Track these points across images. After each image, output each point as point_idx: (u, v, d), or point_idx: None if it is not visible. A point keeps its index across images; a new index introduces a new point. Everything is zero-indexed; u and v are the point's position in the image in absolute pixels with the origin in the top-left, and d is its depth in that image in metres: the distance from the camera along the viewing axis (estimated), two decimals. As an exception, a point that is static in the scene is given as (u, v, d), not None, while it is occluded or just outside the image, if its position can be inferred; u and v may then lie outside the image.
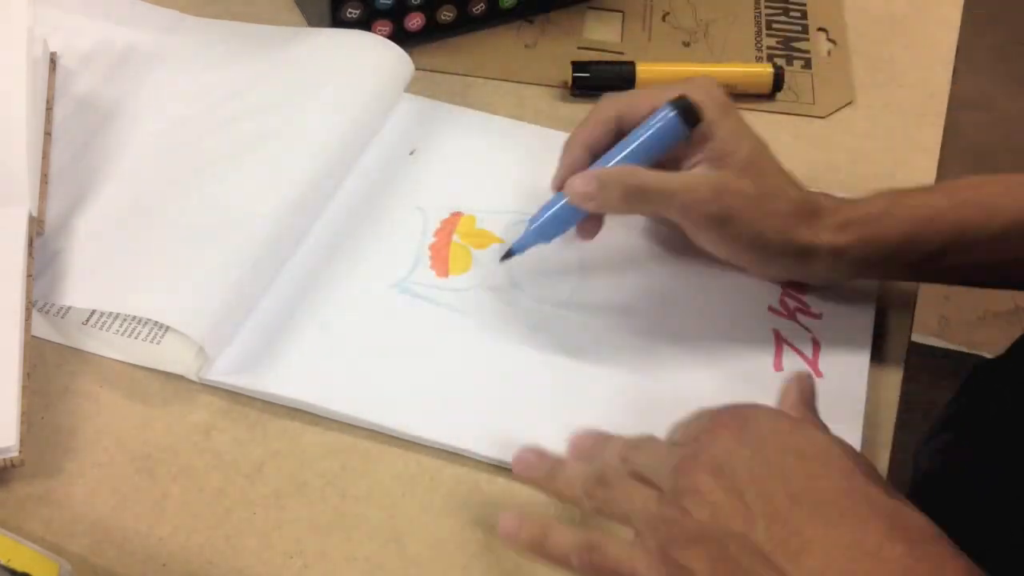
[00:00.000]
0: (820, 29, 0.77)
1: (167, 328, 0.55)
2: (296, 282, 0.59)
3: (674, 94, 0.55)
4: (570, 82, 0.72)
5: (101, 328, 0.56)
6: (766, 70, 0.72)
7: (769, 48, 0.76)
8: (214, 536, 0.49)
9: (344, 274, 0.60)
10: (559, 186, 0.57)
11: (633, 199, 0.55)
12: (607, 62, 0.73)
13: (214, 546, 0.49)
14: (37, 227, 0.58)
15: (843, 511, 0.40)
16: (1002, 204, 0.54)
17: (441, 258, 0.61)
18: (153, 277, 0.57)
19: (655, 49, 0.76)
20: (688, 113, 0.54)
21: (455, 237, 0.63)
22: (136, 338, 0.56)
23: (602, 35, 0.77)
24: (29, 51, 0.62)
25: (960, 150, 0.91)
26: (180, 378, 0.55)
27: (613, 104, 0.57)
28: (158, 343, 0.55)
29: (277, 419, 0.54)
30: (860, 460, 0.43)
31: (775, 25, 0.78)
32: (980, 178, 0.57)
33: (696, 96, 0.55)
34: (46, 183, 0.61)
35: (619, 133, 0.56)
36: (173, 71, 0.70)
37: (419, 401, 0.54)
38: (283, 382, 0.54)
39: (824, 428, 0.46)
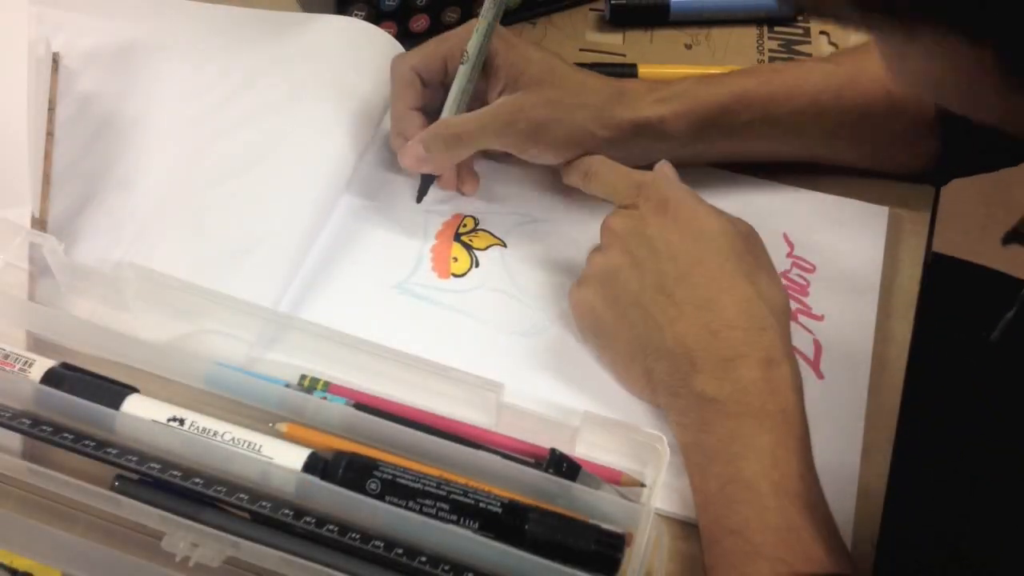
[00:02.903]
0: (822, 32, 0.77)
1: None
2: (302, 284, 0.60)
3: (455, 39, 0.60)
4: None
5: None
6: None
7: (771, 51, 0.76)
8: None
9: (345, 275, 0.60)
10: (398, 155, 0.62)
11: (456, 146, 0.60)
12: (609, 64, 0.73)
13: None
14: (39, 227, 0.58)
15: (710, 295, 0.51)
16: (802, 84, 0.61)
17: (442, 259, 0.62)
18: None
19: (657, 51, 0.76)
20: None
21: (456, 238, 0.63)
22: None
23: (604, 37, 0.77)
24: (31, 52, 0.62)
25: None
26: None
27: (406, 63, 0.62)
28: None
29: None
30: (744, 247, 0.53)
31: (777, 28, 0.78)
32: (783, 63, 0.67)
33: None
34: (48, 183, 0.61)
35: (423, 82, 0.62)
36: (176, 65, 0.70)
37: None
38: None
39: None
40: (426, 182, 0.63)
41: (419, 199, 0.64)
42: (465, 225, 0.64)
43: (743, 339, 0.50)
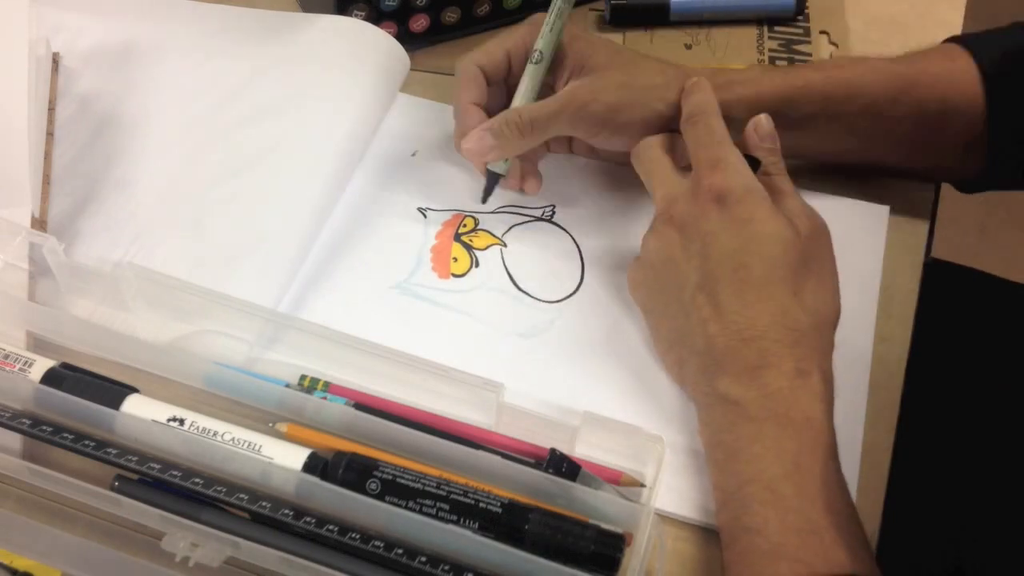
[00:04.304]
0: (822, 32, 0.77)
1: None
2: (302, 284, 0.60)
3: (518, 36, 0.61)
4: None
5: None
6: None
7: (771, 51, 0.76)
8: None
9: (346, 275, 0.60)
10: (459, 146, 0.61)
11: (529, 133, 0.59)
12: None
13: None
14: (39, 227, 0.58)
15: (749, 302, 0.51)
16: (863, 84, 0.61)
17: (442, 259, 0.62)
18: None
19: (657, 51, 0.76)
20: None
21: (456, 238, 0.63)
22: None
23: (605, 37, 0.76)
24: (31, 52, 0.62)
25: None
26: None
27: (471, 60, 0.62)
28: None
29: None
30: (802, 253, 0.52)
31: (777, 28, 0.78)
32: (848, 58, 0.67)
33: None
34: (48, 183, 0.61)
35: (489, 81, 0.62)
36: (176, 65, 0.70)
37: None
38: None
39: (790, 200, 0.55)
40: (492, 181, 0.63)
41: (484, 199, 0.63)
42: (465, 225, 0.64)
43: (773, 350, 0.50)
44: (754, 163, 0.56)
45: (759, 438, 0.48)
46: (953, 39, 0.64)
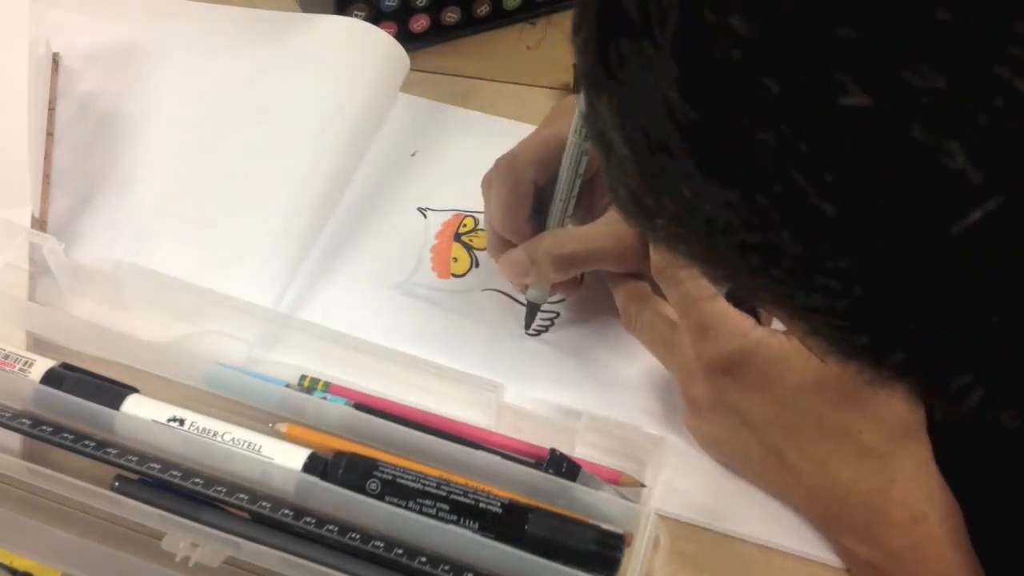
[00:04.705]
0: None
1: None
2: (302, 284, 0.60)
3: (556, 130, 0.52)
4: (572, 84, 0.72)
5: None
6: None
7: (771, 51, 0.76)
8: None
9: (346, 275, 0.60)
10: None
11: (566, 267, 0.53)
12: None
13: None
14: (39, 227, 0.58)
15: (819, 458, 0.47)
16: None
17: (442, 259, 0.62)
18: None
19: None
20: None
21: (456, 238, 0.63)
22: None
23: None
24: (31, 52, 0.62)
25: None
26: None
27: (526, 173, 0.53)
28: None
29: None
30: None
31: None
32: None
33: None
34: (48, 184, 0.61)
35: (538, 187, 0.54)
36: (176, 65, 0.70)
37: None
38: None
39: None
40: (532, 310, 0.58)
41: (527, 327, 0.58)
42: (465, 225, 0.64)
43: (874, 501, 0.46)
44: None
45: None
46: None
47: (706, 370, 0.49)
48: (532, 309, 0.58)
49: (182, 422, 0.50)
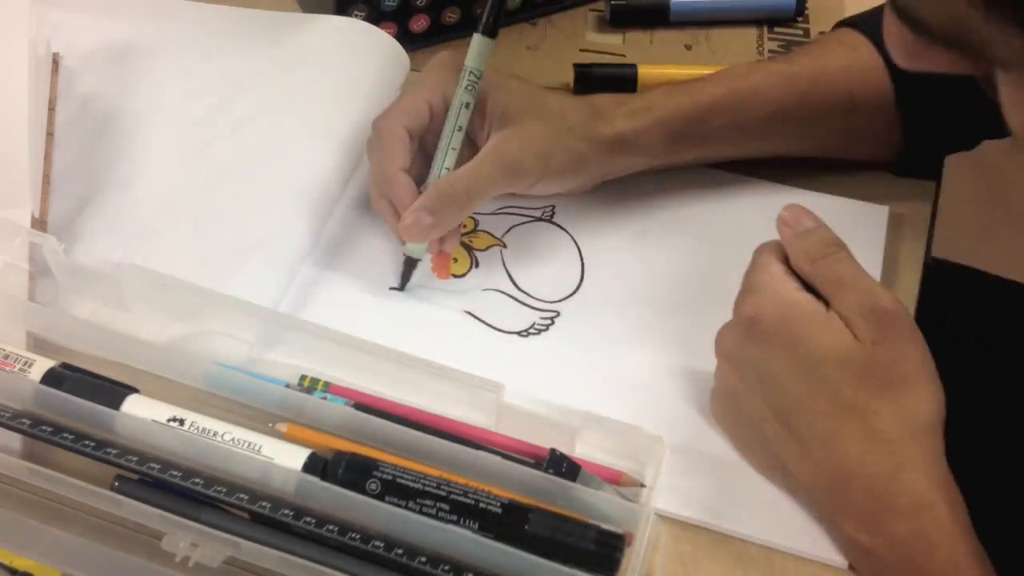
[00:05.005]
0: (822, 32, 0.77)
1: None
2: (302, 284, 0.60)
3: (434, 85, 0.59)
4: (572, 84, 0.72)
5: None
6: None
7: (771, 51, 0.76)
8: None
9: (345, 275, 0.60)
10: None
11: (468, 204, 0.57)
12: (609, 64, 0.73)
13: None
14: (39, 227, 0.58)
15: (830, 432, 0.47)
16: (766, 91, 0.62)
17: (442, 260, 0.61)
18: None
19: (657, 52, 0.76)
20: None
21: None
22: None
23: (604, 38, 0.77)
24: (31, 52, 0.62)
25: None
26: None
27: (395, 121, 0.58)
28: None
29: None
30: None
31: (777, 28, 0.78)
32: (748, 65, 0.65)
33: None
34: (48, 184, 0.61)
35: (412, 140, 0.58)
36: (176, 65, 0.70)
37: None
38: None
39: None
40: (409, 267, 0.60)
41: (402, 286, 0.60)
42: (465, 225, 0.64)
43: (879, 486, 0.46)
44: None
45: None
46: (847, 23, 0.65)
47: (739, 321, 0.51)
48: (410, 264, 0.60)
49: (182, 422, 0.50)
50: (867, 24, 0.63)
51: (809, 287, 0.50)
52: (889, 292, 0.49)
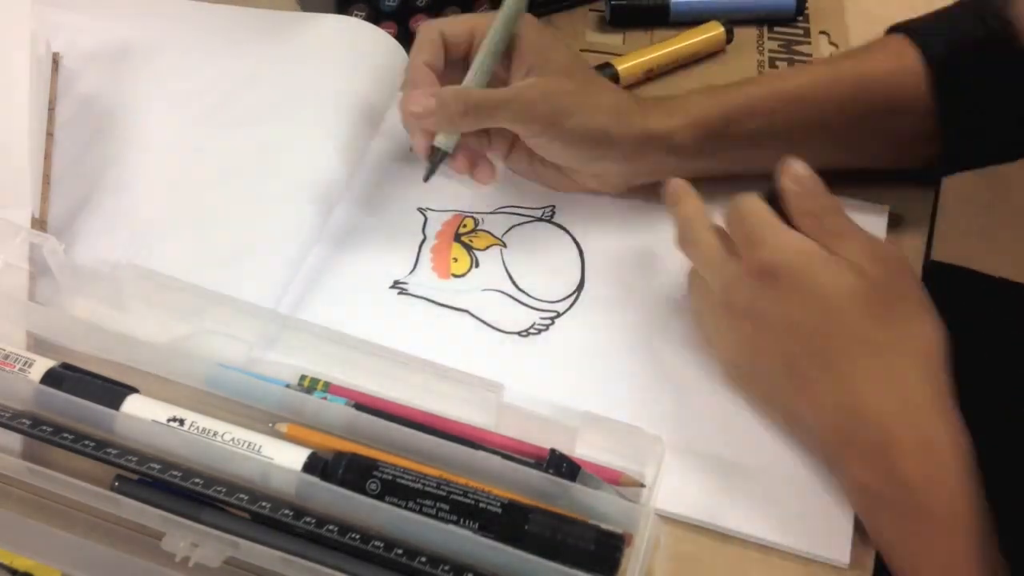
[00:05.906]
0: (822, 32, 0.77)
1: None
2: (302, 284, 0.60)
3: (485, 18, 0.60)
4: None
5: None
6: (716, 28, 0.74)
7: (771, 51, 0.76)
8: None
9: (345, 275, 0.60)
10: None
11: (472, 114, 0.57)
12: (610, 64, 0.73)
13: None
14: (39, 227, 0.58)
15: (843, 371, 0.49)
16: (806, 95, 0.61)
17: (442, 259, 0.62)
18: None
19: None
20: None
21: (456, 239, 0.63)
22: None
23: (604, 38, 0.77)
24: (32, 52, 0.62)
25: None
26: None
27: (434, 25, 0.60)
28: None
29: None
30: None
31: (777, 28, 0.78)
32: (788, 71, 0.66)
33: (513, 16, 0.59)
34: (48, 184, 0.61)
35: (448, 53, 0.60)
36: (176, 65, 0.70)
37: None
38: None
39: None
40: (437, 158, 0.59)
41: (427, 177, 0.60)
42: (465, 225, 0.64)
43: (888, 421, 0.47)
44: None
45: (905, 537, 0.47)
46: (898, 28, 0.64)
47: (750, 273, 0.51)
48: (437, 156, 0.59)
49: (182, 422, 0.50)
50: (917, 31, 0.62)
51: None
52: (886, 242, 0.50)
